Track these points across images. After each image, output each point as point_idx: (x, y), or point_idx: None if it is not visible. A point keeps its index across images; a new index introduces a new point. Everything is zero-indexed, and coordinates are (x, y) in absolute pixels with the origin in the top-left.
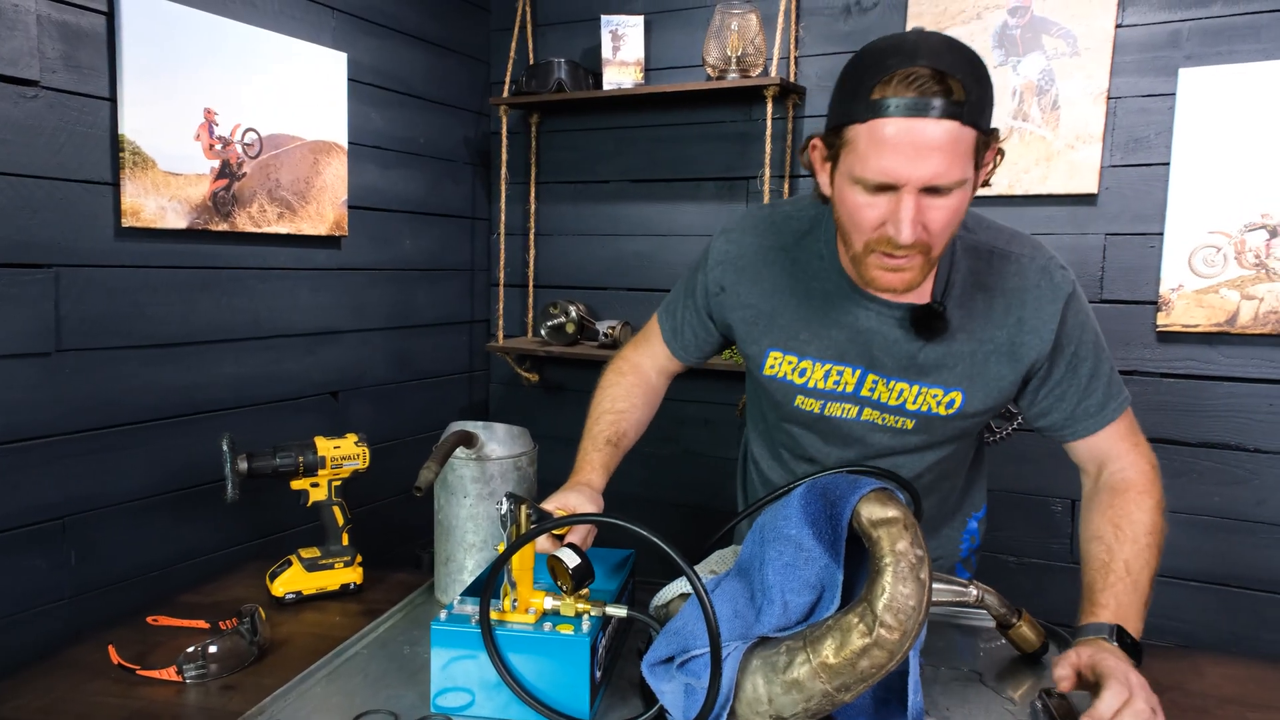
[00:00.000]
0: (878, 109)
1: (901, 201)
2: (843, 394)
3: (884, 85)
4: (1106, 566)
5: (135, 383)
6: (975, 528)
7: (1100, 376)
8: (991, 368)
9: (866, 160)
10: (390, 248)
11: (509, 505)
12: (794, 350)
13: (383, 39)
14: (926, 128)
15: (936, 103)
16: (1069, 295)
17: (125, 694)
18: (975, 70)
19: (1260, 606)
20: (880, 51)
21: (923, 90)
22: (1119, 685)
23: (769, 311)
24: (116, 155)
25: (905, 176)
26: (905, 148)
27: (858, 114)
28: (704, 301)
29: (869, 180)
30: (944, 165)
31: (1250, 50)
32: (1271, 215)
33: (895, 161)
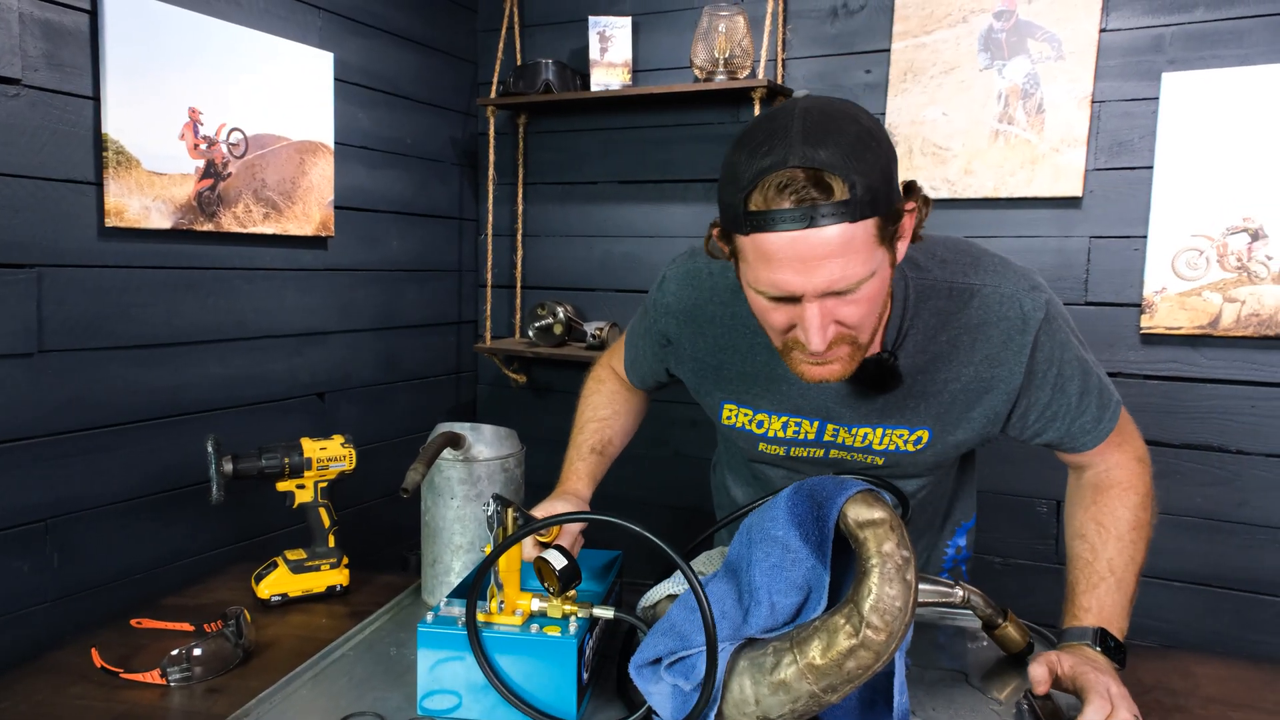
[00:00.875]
0: (757, 223)
1: (805, 311)
2: (806, 440)
3: (759, 194)
4: (1090, 566)
5: (119, 384)
6: (963, 540)
7: (1090, 393)
8: (959, 408)
9: (758, 273)
10: (377, 248)
11: (496, 507)
12: (748, 404)
13: (369, 39)
14: (811, 237)
15: (818, 209)
16: (1040, 321)
17: (108, 697)
18: (860, 151)
19: (1243, 607)
20: (753, 145)
21: (800, 198)
22: (1100, 700)
23: (715, 366)
24: (100, 154)
25: (800, 287)
26: (793, 262)
27: (739, 225)
28: (656, 349)
29: (766, 293)
30: (839, 270)
31: (1232, 55)
32: (1253, 218)
33: (785, 275)
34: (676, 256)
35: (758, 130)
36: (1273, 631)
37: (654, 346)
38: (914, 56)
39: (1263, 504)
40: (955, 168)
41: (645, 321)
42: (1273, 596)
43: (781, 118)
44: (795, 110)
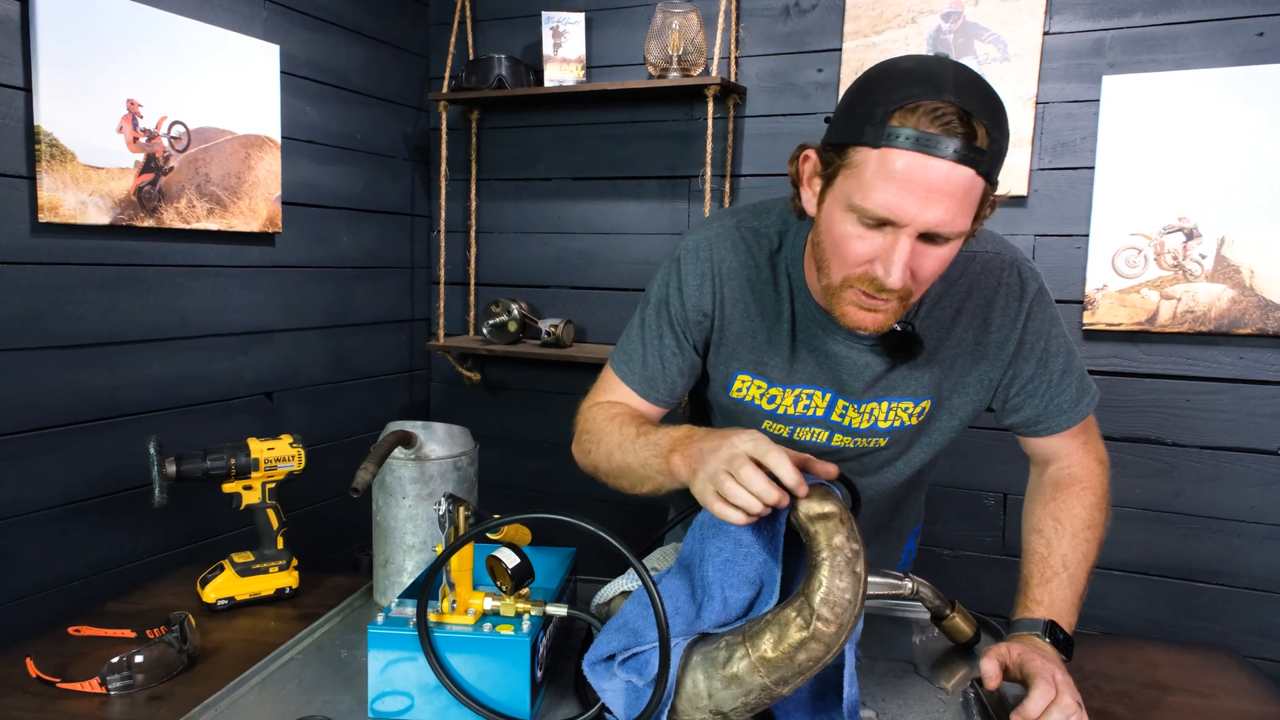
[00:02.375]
0: (894, 137)
1: (898, 242)
2: (813, 418)
3: (906, 113)
4: (1044, 561)
5: (53, 384)
6: (913, 544)
7: (1072, 373)
8: (959, 369)
9: (870, 190)
10: (327, 245)
11: (447, 506)
12: (763, 375)
13: (317, 32)
14: (943, 170)
15: (959, 145)
16: (1037, 291)
17: (44, 708)
18: (1000, 118)
19: (1179, 594)
20: (904, 74)
21: (948, 129)
22: (1045, 685)
23: (738, 334)
24: (32, 147)
25: (910, 217)
26: (916, 186)
27: (870, 137)
28: (685, 332)
29: (869, 212)
30: (952, 213)
31: (1168, 59)
32: (1188, 218)
33: (902, 199)
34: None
35: (905, 62)
36: (1207, 617)
37: (686, 332)
38: (865, 56)
39: (1197, 495)
40: None
41: (665, 313)
42: (1206, 584)
43: (934, 62)
44: (947, 62)
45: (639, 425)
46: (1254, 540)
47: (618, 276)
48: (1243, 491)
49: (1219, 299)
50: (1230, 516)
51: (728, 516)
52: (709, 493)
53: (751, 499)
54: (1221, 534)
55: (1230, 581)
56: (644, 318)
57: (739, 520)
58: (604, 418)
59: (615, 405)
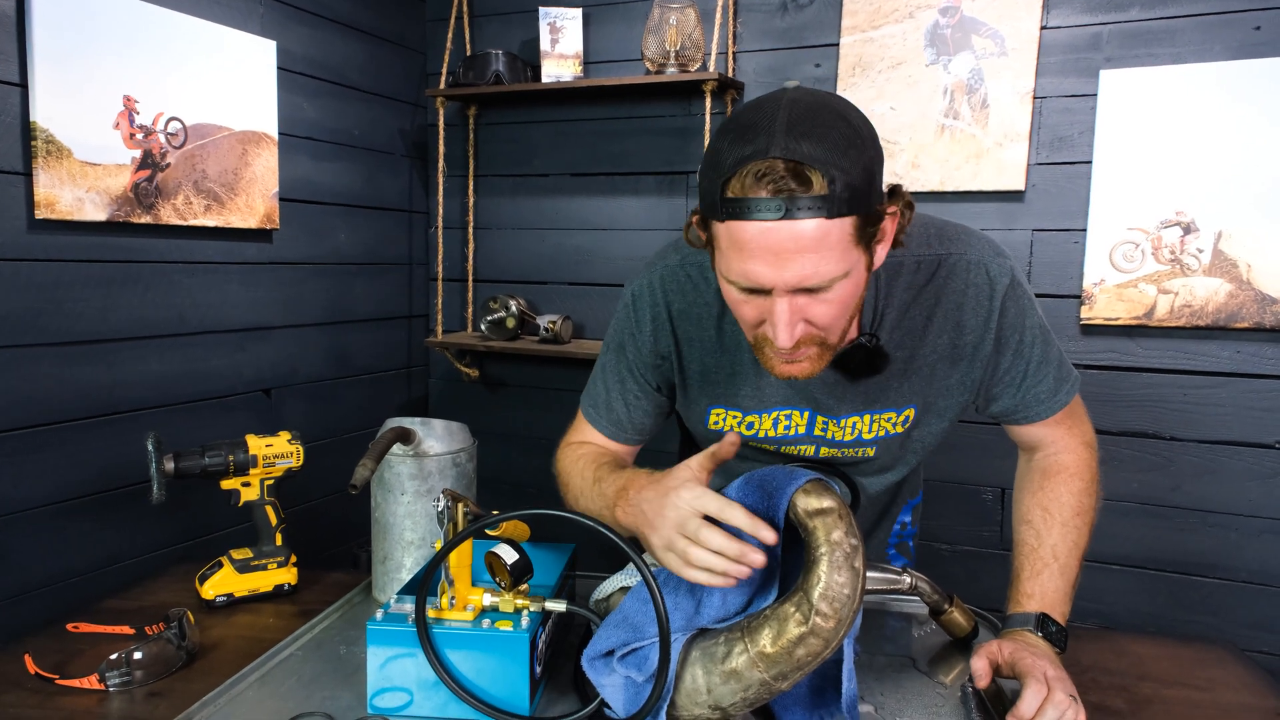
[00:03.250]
0: (732, 209)
1: (775, 305)
2: (797, 436)
3: (736, 181)
4: (1034, 552)
5: (51, 382)
6: (909, 516)
7: (1050, 362)
8: (939, 376)
9: (730, 262)
10: (325, 241)
11: (446, 502)
12: (735, 406)
13: (314, 28)
14: (785, 230)
15: (795, 201)
16: (1007, 286)
17: (43, 705)
18: (843, 150)
19: (1175, 588)
20: (735, 133)
21: (777, 188)
22: (1037, 684)
23: (700, 371)
24: (28, 144)
25: (770, 281)
26: (765, 254)
27: (715, 212)
28: (646, 375)
29: (737, 284)
30: (812, 266)
31: (1166, 54)
32: (1185, 212)
33: (756, 267)
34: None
35: (743, 117)
36: (1203, 611)
37: (646, 375)
38: (862, 51)
39: (1194, 489)
40: (902, 161)
41: (624, 358)
42: (1203, 577)
43: (768, 107)
44: (782, 100)
45: (596, 469)
46: (1251, 534)
47: (616, 272)
48: (1240, 485)
49: (1216, 293)
50: (1228, 510)
51: (703, 581)
52: (674, 563)
53: (717, 559)
54: (1219, 528)
55: (1227, 575)
56: (605, 363)
57: (718, 583)
58: (570, 461)
59: (583, 447)
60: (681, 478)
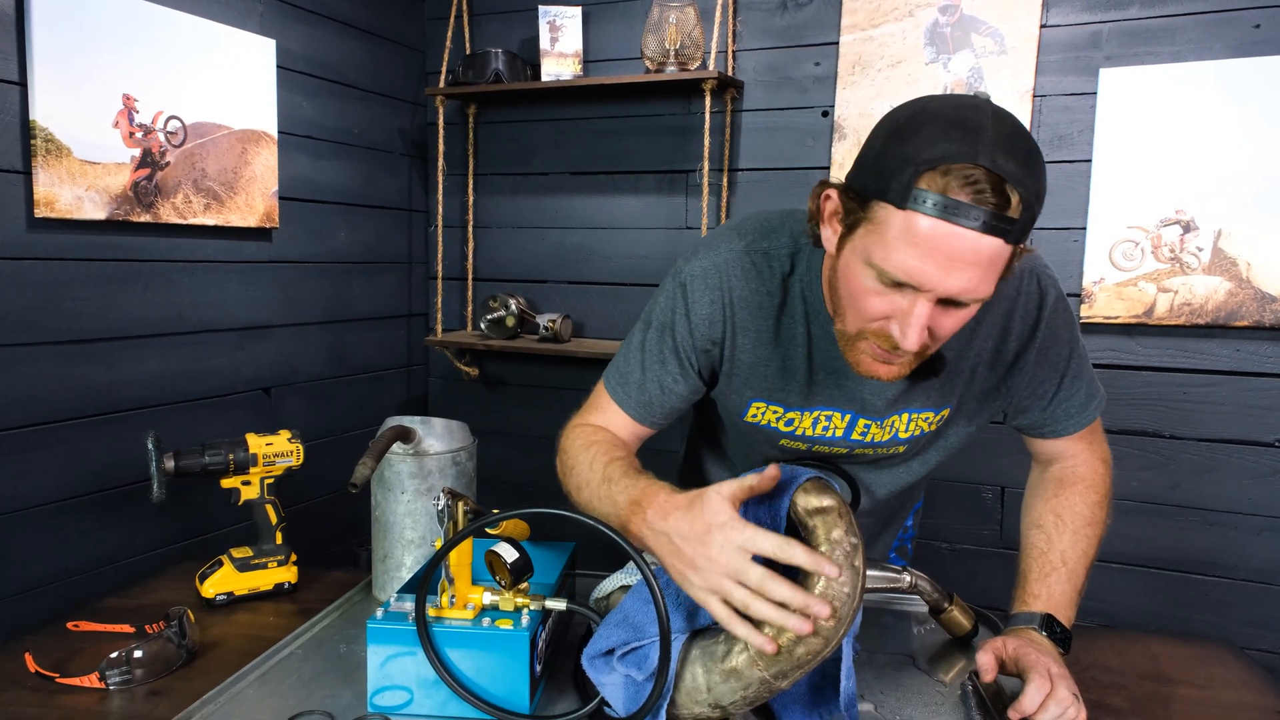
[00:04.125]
0: (921, 201)
1: (916, 306)
2: (832, 438)
3: (936, 176)
4: (1044, 555)
5: (51, 380)
6: (911, 520)
7: (1083, 378)
8: (978, 379)
9: (891, 252)
10: (324, 240)
11: (446, 501)
12: (779, 401)
13: (313, 26)
14: (970, 239)
15: (990, 215)
16: (1056, 298)
17: (43, 703)
18: (1038, 181)
19: (1174, 586)
20: (939, 126)
21: (979, 198)
22: (1040, 678)
23: (750, 363)
24: (28, 142)
25: (931, 284)
26: (940, 255)
27: (895, 196)
28: (690, 359)
29: (888, 274)
30: (975, 281)
31: (1165, 52)
32: (1185, 211)
33: (925, 266)
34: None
35: (944, 111)
36: (1204, 609)
37: (691, 359)
38: (862, 50)
39: (1193, 487)
40: None
41: (668, 339)
42: (1202, 576)
43: (972, 111)
44: (987, 109)
45: (607, 466)
46: (1251, 532)
47: (616, 271)
48: (1240, 483)
49: (1216, 291)
50: (1227, 509)
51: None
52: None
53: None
54: (1219, 526)
55: (1227, 573)
56: (644, 340)
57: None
58: (580, 446)
59: (597, 431)
60: (721, 512)
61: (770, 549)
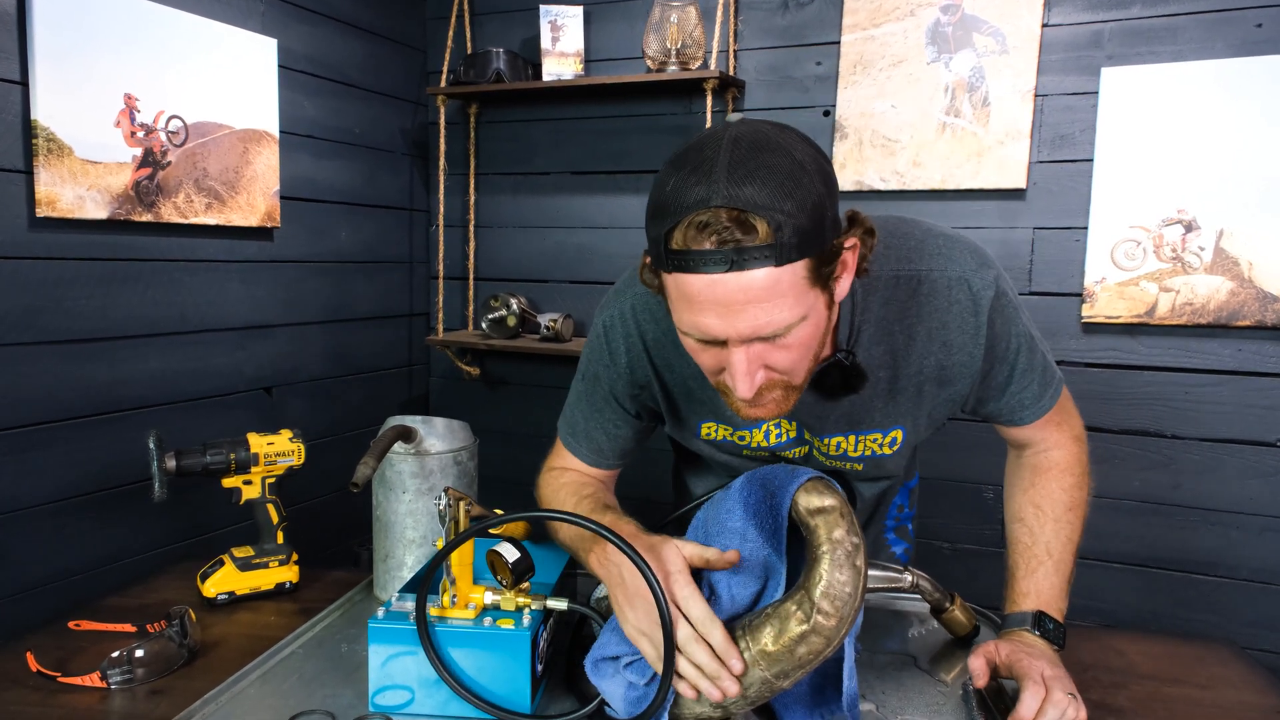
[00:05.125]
0: (678, 262)
1: (731, 356)
2: (789, 441)
3: (680, 233)
4: (1028, 550)
5: (52, 379)
6: (905, 499)
7: (1034, 369)
8: (926, 397)
9: (680, 314)
10: (325, 239)
11: (448, 500)
12: (725, 421)
13: (315, 25)
14: (733, 281)
15: (742, 253)
16: (992, 299)
17: (44, 702)
18: (790, 188)
19: (1176, 586)
20: (678, 175)
21: (722, 240)
22: (1034, 685)
23: (685, 393)
24: (29, 142)
25: (722, 333)
26: (714, 306)
27: (661, 261)
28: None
29: (689, 335)
30: (766, 315)
31: (1167, 51)
32: (1186, 210)
33: (707, 319)
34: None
35: (684, 158)
36: (1204, 610)
37: (624, 404)
38: (863, 49)
39: (1195, 487)
40: (904, 160)
41: (599, 388)
42: (1204, 576)
43: (710, 147)
44: (724, 139)
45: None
46: (1253, 532)
47: (617, 271)
48: (1241, 483)
49: (1218, 291)
50: (1229, 509)
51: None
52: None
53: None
54: (1220, 526)
55: (1229, 574)
56: (580, 391)
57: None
58: (551, 491)
59: (565, 474)
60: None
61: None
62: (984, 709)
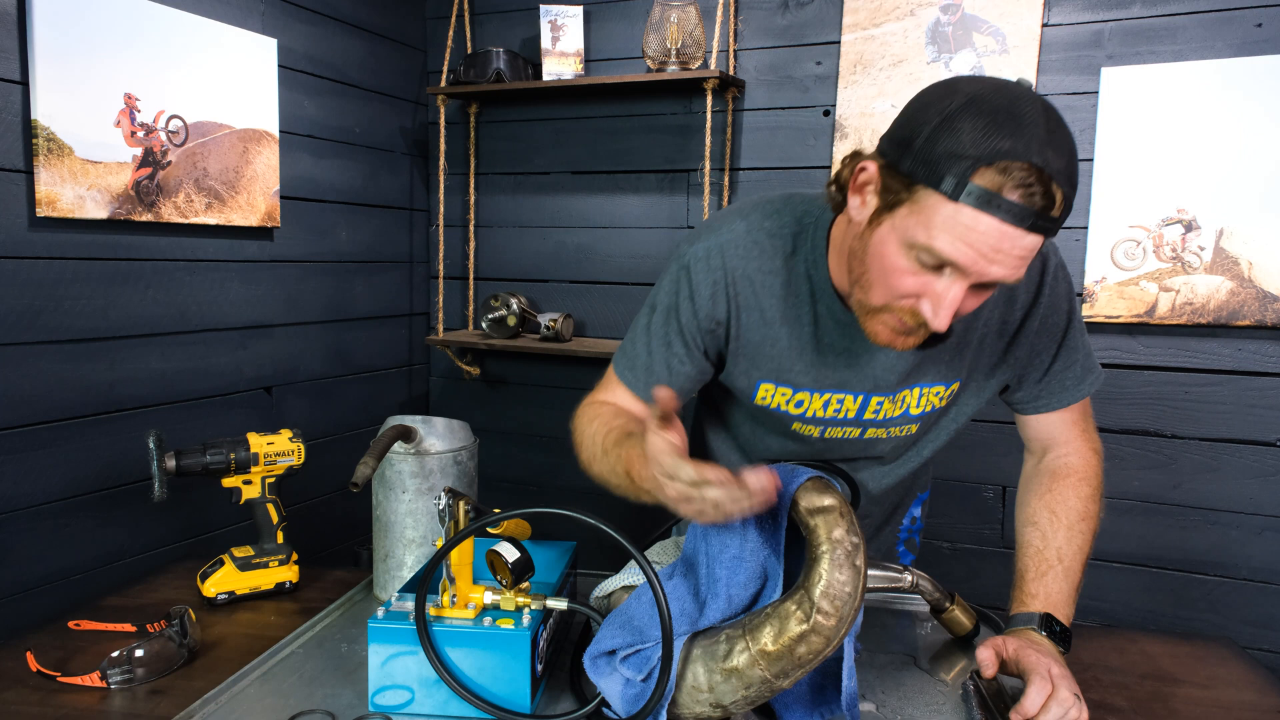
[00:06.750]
0: (974, 197)
1: (951, 289)
2: (844, 420)
3: (992, 174)
4: (1040, 554)
5: (52, 379)
6: (918, 511)
7: (1079, 350)
8: (988, 349)
9: (937, 235)
10: (326, 239)
11: (447, 500)
12: (787, 383)
13: (315, 25)
14: (1017, 237)
15: (1038, 217)
16: (1057, 265)
17: (44, 702)
18: (1077, 170)
19: (1177, 585)
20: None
21: (1030, 199)
22: (1041, 680)
23: (756, 342)
24: (30, 141)
25: (975, 271)
26: (986, 247)
27: (945, 185)
28: (695, 339)
29: (933, 252)
30: (1015, 270)
31: (1167, 51)
32: (1186, 210)
33: (970, 255)
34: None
35: (996, 100)
36: (1205, 609)
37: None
38: (863, 49)
39: (1195, 486)
40: None
41: (673, 321)
42: (1204, 575)
43: (1025, 103)
44: (1037, 102)
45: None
46: (1252, 532)
47: (617, 270)
48: (1241, 483)
49: (1218, 291)
50: (1229, 508)
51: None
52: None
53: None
54: (1220, 525)
55: (1229, 573)
56: (650, 324)
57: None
58: (585, 422)
59: (603, 406)
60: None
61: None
62: (984, 708)
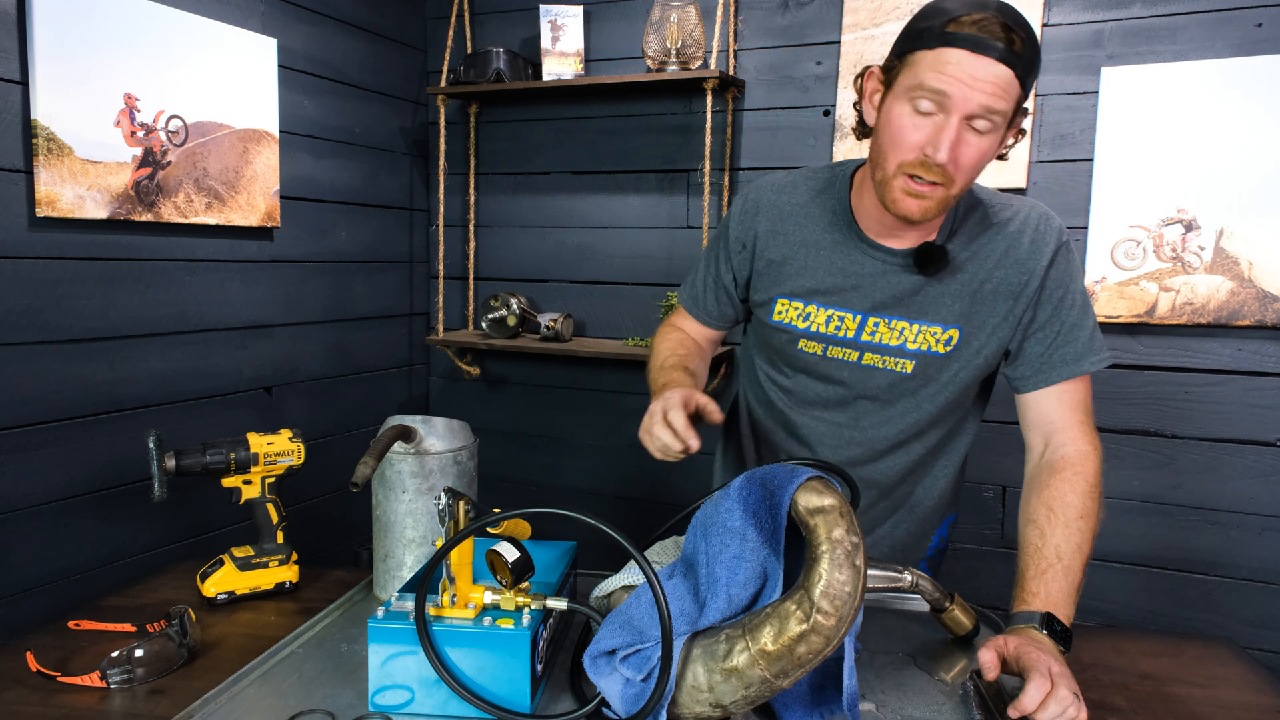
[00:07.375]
0: (948, 39)
1: (946, 125)
2: (844, 339)
3: (957, 23)
4: (1039, 552)
5: (52, 379)
6: (946, 532)
7: (1083, 328)
8: (987, 305)
9: (926, 76)
10: (326, 239)
11: (447, 500)
12: (799, 297)
13: (315, 25)
14: (986, 65)
15: (999, 46)
16: (1063, 243)
17: (44, 702)
18: (1032, 35)
19: (1176, 585)
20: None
21: (990, 33)
22: (1040, 677)
23: (780, 261)
24: (29, 141)
25: (959, 96)
26: (964, 76)
27: (927, 42)
28: (728, 262)
29: (926, 86)
30: (994, 99)
31: (1167, 51)
32: (1186, 210)
33: (953, 84)
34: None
35: None
36: (1205, 609)
37: (725, 261)
38: (863, 49)
39: (1195, 486)
40: None
41: (719, 245)
42: (1204, 575)
43: None
44: None
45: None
46: (1252, 532)
47: (617, 270)
48: (1241, 483)
49: (1218, 291)
50: (1229, 508)
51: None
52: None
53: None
54: (1220, 525)
55: (1229, 573)
56: (704, 255)
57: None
58: (660, 337)
59: (675, 330)
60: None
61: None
62: (984, 708)
